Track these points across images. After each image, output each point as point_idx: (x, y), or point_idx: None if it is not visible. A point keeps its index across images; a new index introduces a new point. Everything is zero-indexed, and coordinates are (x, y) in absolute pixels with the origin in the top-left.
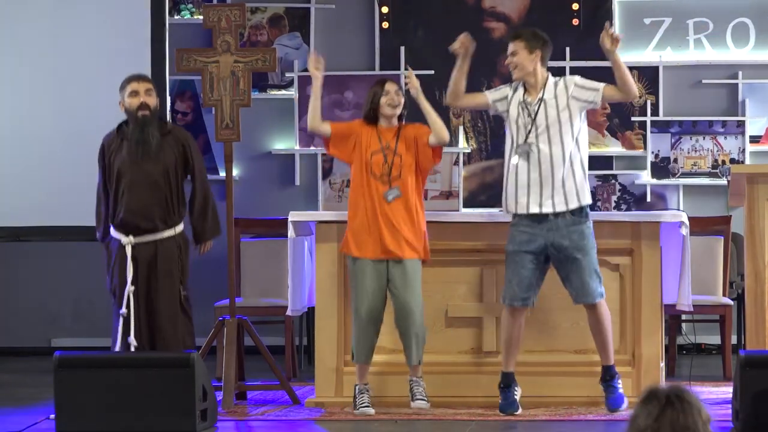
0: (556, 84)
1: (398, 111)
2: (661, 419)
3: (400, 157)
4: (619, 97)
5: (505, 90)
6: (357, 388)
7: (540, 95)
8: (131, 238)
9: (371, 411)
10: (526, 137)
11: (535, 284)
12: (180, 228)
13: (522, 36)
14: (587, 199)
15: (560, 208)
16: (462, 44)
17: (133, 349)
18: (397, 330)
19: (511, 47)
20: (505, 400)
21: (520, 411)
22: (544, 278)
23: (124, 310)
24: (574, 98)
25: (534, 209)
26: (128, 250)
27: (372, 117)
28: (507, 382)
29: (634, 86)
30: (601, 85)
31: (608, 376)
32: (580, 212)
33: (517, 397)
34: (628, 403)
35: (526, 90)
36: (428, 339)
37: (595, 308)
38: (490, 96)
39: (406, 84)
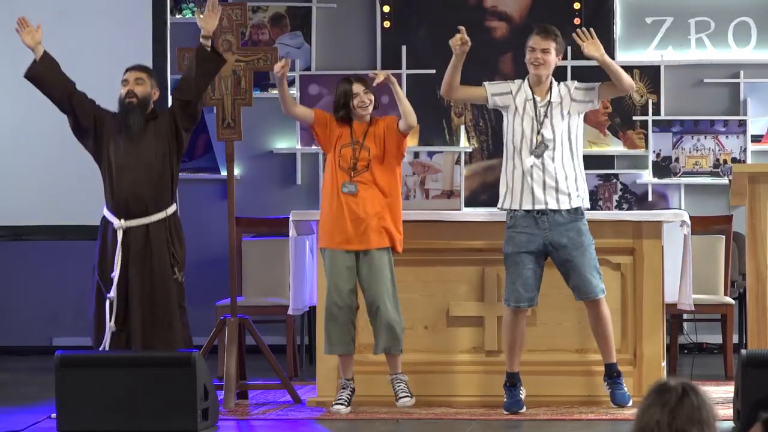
0: (558, 87)
1: (369, 110)
2: (677, 411)
3: (368, 150)
4: (615, 91)
5: (506, 85)
6: (340, 382)
7: (548, 97)
8: (123, 222)
9: (343, 410)
10: (542, 138)
11: (536, 284)
12: (171, 210)
13: (557, 38)
14: (585, 201)
15: (559, 206)
16: (462, 40)
17: (110, 333)
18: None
19: (544, 44)
20: (511, 398)
21: (524, 409)
22: (542, 277)
23: (112, 294)
24: (575, 101)
25: (530, 205)
26: (119, 235)
27: (345, 117)
28: (513, 381)
29: (629, 78)
30: (596, 84)
31: (614, 373)
32: (575, 210)
33: (522, 396)
34: (632, 402)
35: (531, 89)
36: (430, 338)
37: (597, 305)
38: (489, 89)
39: (375, 83)
